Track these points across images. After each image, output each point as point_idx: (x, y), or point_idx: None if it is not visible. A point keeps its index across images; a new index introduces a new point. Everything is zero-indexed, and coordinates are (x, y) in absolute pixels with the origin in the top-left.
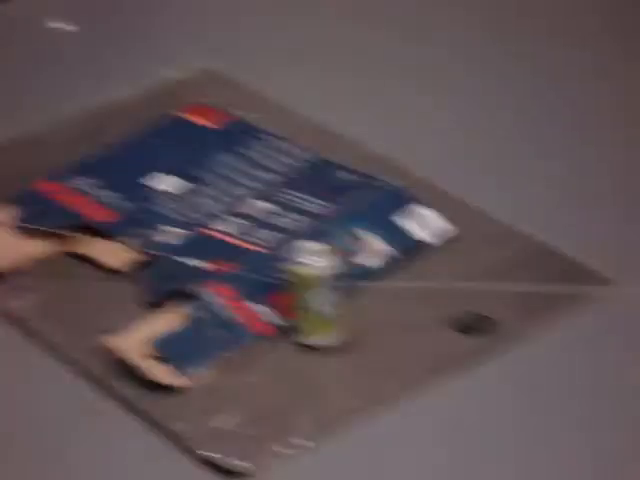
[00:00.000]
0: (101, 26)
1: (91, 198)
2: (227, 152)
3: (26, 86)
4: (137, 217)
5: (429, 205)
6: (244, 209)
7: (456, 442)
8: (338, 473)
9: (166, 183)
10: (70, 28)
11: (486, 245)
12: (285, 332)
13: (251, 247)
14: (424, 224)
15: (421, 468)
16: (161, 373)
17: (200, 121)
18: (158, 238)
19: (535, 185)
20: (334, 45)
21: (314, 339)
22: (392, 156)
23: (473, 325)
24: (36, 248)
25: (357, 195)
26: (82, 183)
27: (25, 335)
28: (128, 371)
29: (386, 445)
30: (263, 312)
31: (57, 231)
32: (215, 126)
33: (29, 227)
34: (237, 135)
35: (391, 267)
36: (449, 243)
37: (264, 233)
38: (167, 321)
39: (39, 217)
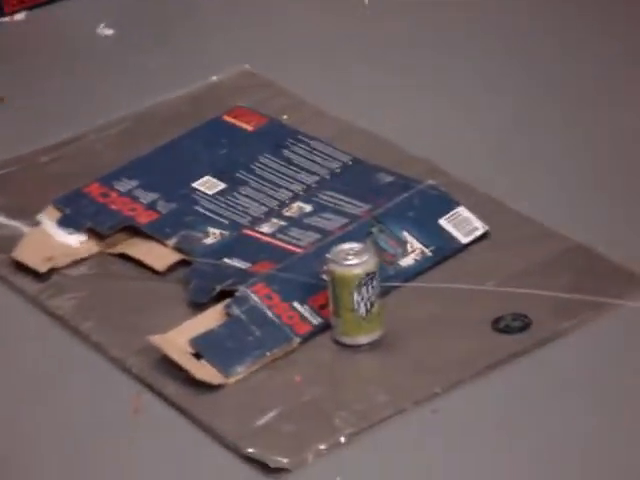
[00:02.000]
0: (142, 31)
1: (135, 199)
2: (267, 154)
3: (74, 90)
4: (179, 218)
5: (466, 206)
6: (285, 211)
7: (488, 438)
8: (374, 468)
9: (207, 185)
10: (114, 33)
11: (523, 245)
12: (323, 331)
13: (291, 248)
14: (462, 225)
15: (455, 463)
16: (203, 371)
17: (240, 123)
18: (200, 239)
19: (573, 186)
20: (369, 53)
21: (352, 337)
22: (428, 156)
23: (508, 324)
24: (81, 248)
25: (396, 196)
26: (126, 185)
27: (68, 334)
28: (171, 369)
29: (420, 441)
30: (302, 312)
31: (101, 232)
32: (255, 128)
33: (75, 228)
34: (277, 137)
35: (428, 267)
36: (486, 243)
37: (304, 234)
38: (209, 320)
39: (84, 218)
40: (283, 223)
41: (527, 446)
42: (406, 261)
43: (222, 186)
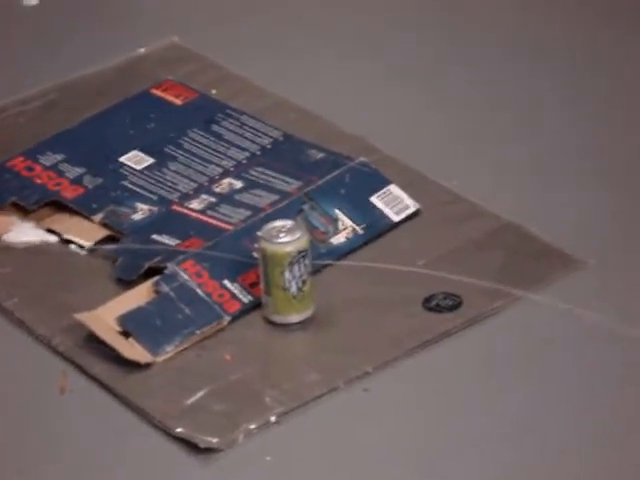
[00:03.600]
0: (69, 1)
1: (60, 174)
2: (197, 129)
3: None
4: (106, 193)
5: (398, 184)
6: (214, 187)
7: (419, 416)
8: (304, 448)
9: (135, 159)
10: (38, 3)
11: (454, 223)
12: (254, 309)
13: (221, 225)
14: (393, 203)
15: (386, 442)
16: (131, 350)
17: (169, 97)
18: (128, 215)
19: (504, 165)
20: (304, 24)
21: (283, 316)
22: (361, 133)
23: (439, 303)
24: (4, 224)
25: (327, 173)
26: (51, 159)
27: None
28: (99, 348)
29: (351, 420)
30: (232, 290)
31: (26, 207)
32: (184, 102)
33: None
34: (206, 112)
35: (360, 246)
36: (417, 221)
37: (234, 211)
38: (137, 298)
39: (8, 193)
40: (213, 199)
41: (458, 425)
42: (338, 239)
43: (150, 161)
